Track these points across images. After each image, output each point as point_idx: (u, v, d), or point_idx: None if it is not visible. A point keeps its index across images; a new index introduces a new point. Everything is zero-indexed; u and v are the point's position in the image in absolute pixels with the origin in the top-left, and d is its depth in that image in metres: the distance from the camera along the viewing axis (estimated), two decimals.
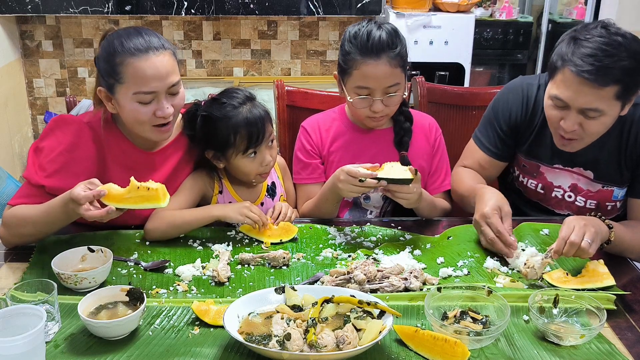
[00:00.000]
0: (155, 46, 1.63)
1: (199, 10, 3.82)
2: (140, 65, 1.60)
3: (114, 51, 1.62)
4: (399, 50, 1.79)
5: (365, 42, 1.77)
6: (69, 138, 1.69)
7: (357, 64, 1.78)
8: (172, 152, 1.82)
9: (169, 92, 1.66)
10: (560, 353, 1.29)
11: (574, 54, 1.58)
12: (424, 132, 2.00)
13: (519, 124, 1.88)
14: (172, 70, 1.65)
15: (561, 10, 4.89)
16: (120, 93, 1.64)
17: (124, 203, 1.49)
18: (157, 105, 1.64)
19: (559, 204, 1.91)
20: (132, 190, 1.49)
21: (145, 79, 1.61)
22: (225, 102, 1.77)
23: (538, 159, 1.89)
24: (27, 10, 3.77)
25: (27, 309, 1.22)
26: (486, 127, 1.95)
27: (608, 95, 1.57)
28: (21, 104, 4.12)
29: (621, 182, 1.81)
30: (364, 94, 1.81)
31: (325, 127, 1.99)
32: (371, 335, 1.24)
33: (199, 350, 1.27)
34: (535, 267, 1.53)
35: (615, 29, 1.59)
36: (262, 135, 1.76)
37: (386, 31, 1.79)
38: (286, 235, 1.74)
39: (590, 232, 1.51)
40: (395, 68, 1.78)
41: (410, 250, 1.67)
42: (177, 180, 1.82)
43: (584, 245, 1.49)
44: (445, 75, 4.03)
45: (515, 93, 1.89)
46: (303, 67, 4.28)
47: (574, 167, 1.84)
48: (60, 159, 1.67)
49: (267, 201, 1.92)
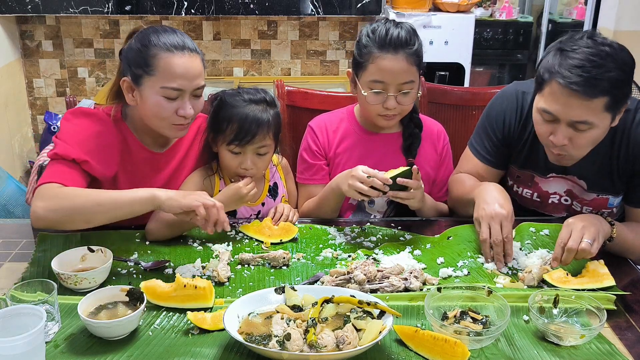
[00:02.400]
0: (189, 47, 1.67)
1: (199, 10, 3.82)
2: (174, 61, 1.63)
3: (149, 43, 1.65)
4: (416, 48, 1.80)
5: (383, 37, 1.78)
6: (95, 127, 1.71)
7: (374, 57, 1.79)
8: (178, 152, 1.84)
9: (193, 94, 1.69)
10: (560, 353, 1.29)
11: (561, 65, 1.54)
12: (432, 139, 2.00)
13: (512, 132, 1.85)
14: (200, 74, 1.69)
15: (561, 10, 4.89)
16: (146, 85, 1.66)
17: (169, 302, 1.42)
18: (181, 103, 1.67)
19: (557, 209, 1.89)
20: (179, 288, 1.41)
21: (176, 75, 1.64)
22: (242, 94, 1.78)
23: (532, 170, 1.86)
24: (27, 10, 3.77)
25: (27, 309, 1.21)
26: (480, 136, 1.91)
27: (597, 107, 1.53)
28: (21, 104, 4.13)
29: (615, 192, 1.79)
30: (378, 88, 1.80)
31: (333, 127, 1.98)
32: (371, 336, 1.23)
33: (199, 350, 1.27)
34: (533, 273, 1.52)
35: (601, 39, 1.56)
36: (251, 137, 1.74)
37: (405, 29, 1.81)
38: (286, 235, 1.74)
39: (589, 232, 1.50)
40: (411, 65, 1.79)
41: (410, 250, 1.67)
42: (179, 179, 1.83)
43: (585, 247, 1.48)
44: (445, 75, 4.03)
45: (509, 101, 1.86)
46: (303, 67, 4.28)
47: (568, 175, 1.82)
48: (87, 143, 1.67)
49: (268, 201, 1.92)
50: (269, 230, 1.75)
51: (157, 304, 1.41)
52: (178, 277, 1.44)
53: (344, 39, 4.22)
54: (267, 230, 1.76)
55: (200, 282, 1.43)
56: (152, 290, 1.42)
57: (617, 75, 1.52)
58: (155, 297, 1.41)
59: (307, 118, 2.10)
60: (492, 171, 1.91)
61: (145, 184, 1.77)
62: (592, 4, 4.12)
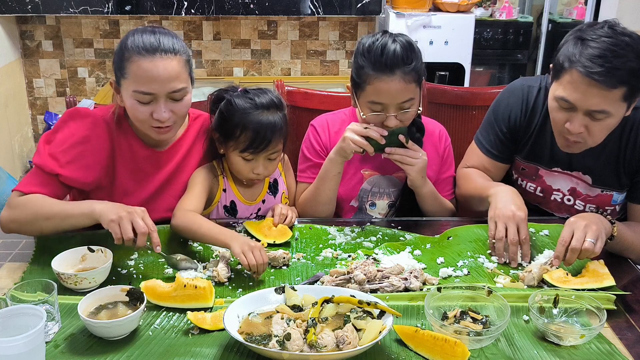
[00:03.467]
0: (164, 49, 1.62)
1: (199, 10, 3.82)
2: (143, 65, 1.60)
3: (125, 46, 1.64)
4: (413, 65, 1.73)
5: (379, 57, 1.71)
6: (84, 130, 1.71)
7: (370, 79, 1.73)
8: (179, 150, 1.83)
9: (170, 97, 1.65)
10: (560, 353, 1.29)
11: (582, 54, 1.55)
12: (433, 140, 1.99)
13: (517, 126, 1.87)
14: (176, 76, 1.63)
15: (561, 10, 4.89)
16: (123, 88, 1.66)
17: (169, 302, 1.42)
18: (155, 106, 1.64)
19: (559, 208, 1.90)
20: (179, 288, 1.41)
21: (145, 79, 1.61)
22: (252, 98, 1.76)
23: (537, 162, 1.88)
24: (27, 10, 3.77)
25: (27, 309, 1.21)
26: (487, 129, 1.93)
27: (616, 97, 1.55)
28: (21, 104, 4.13)
29: (620, 187, 1.80)
30: (377, 109, 1.76)
31: (335, 128, 1.97)
32: (371, 335, 1.23)
33: (199, 350, 1.27)
34: (533, 273, 1.53)
35: (621, 29, 1.57)
36: (266, 145, 1.73)
37: (401, 45, 1.73)
38: (281, 237, 1.73)
39: (592, 231, 1.50)
40: (409, 83, 1.73)
41: (410, 250, 1.67)
42: (181, 177, 1.83)
43: (588, 246, 1.48)
44: (445, 75, 4.03)
45: (515, 95, 1.88)
46: (303, 67, 4.28)
47: (573, 171, 1.83)
48: (73, 150, 1.68)
49: (268, 198, 1.92)
50: (268, 231, 1.76)
51: (157, 304, 1.41)
52: (178, 277, 1.44)
53: (344, 39, 4.22)
54: (266, 230, 1.76)
55: (200, 282, 1.43)
56: (152, 290, 1.42)
57: (636, 65, 1.53)
58: (155, 297, 1.41)
59: (307, 118, 2.11)
60: (497, 165, 1.93)
61: (147, 182, 1.78)
62: (592, 4, 4.12)
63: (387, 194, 1.96)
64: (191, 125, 1.86)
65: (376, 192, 1.95)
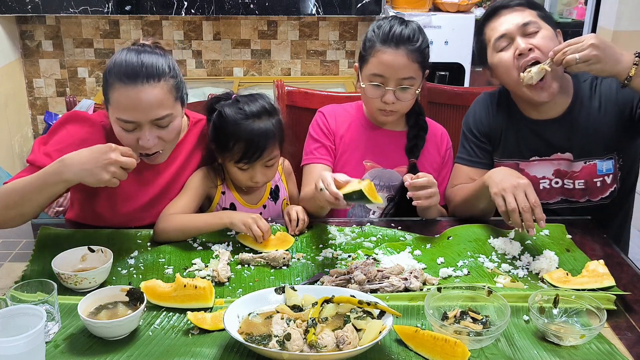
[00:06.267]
0: (147, 75, 1.56)
1: (199, 10, 3.82)
2: (124, 92, 1.56)
3: (109, 70, 1.60)
4: (418, 45, 1.82)
5: (386, 32, 1.82)
6: (82, 133, 1.69)
7: (375, 51, 1.82)
8: (178, 156, 1.82)
9: (155, 124, 1.61)
10: (560, 353, 1.29)
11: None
12: (435, 142, 2.02)
13: (488, 128, 1.94)
14: (160, 104, 1.58)
15: (561, 10, 4.89)
16: (110, 112, 1.64)
17: (169, 302, 1.42)
18: (140, 133, 1.61)
19: (550, 194, 1.92)
20: (179, 288, 1.41)
21: (125, 107, 1.58)
22: (242, 107, 1.75)
23: (514, 158, 1.91)
24: (27, 10, 3.77)
25: (27, 309, 1.21)
26: (463, 145, 1.99)
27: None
28: (21, 104, 4.13)
29: (601, 153, 1.84)
30: (377, 81, 1.83)
31: (342, 118, 2.01)
32: (371, 336, 1.23)
33: (199, 350, 1.27)
34: (532, 73, 1.68)
35: None
36: (260, 154, 1.73)
37: (410, 27, 1.84)
38: (282, 246, 1.70)
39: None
40: (412, 62, 1.81)
41: (410, 250, 1.67)
42: (181, 181, 1.82)
43: (570, 59, 1.56)
44: (445, 75, 4.02)
45: (479, 103, 2.00)
46: (303, 67, 4.28)
47: (551, 155, 1.87)
48: (69, 150, 1.64)
49: (269, 204, 1.92)
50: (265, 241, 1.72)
51: (157, 304, 1.41)
52: (178, 277, 1.44)
53: (344, 39, 4.22)
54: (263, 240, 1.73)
55: (200, 282, 1.43)
56: (152, 290, 1.42)
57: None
58: (155, 297, 1.41)
59: (307, 118, 2.11)
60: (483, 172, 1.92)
61: (148, 187, 1.77)
62: (592, 4, 4.12)
63: (387, 187, 1.98)
64: (191, 130, 1.85)
65: (376, 184, 1.96)
